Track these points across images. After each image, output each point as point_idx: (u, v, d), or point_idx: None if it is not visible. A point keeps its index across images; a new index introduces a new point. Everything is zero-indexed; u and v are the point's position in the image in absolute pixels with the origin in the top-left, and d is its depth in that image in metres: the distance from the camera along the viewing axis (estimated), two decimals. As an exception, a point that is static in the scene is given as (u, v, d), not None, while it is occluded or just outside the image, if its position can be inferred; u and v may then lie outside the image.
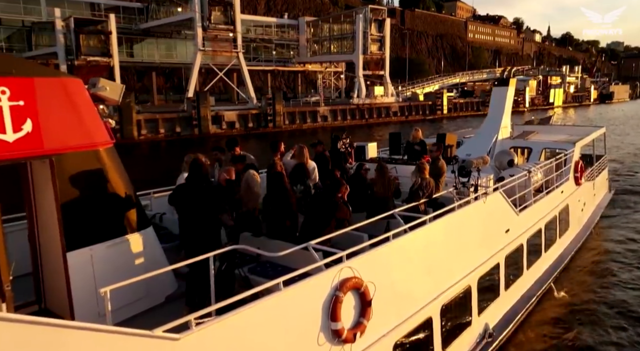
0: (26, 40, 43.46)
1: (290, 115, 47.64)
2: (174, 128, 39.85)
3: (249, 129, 44.57)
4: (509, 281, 8.25)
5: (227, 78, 47.49)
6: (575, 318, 9.02)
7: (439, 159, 8.27)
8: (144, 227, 5.38)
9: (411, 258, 5.95)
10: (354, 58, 56.19)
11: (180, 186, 5.51)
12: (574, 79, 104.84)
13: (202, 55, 43.38)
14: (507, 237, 8.07)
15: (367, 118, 54.26)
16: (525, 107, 78.32)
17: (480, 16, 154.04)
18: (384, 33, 56.99)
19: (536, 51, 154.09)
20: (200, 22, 41.94)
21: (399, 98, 60.93)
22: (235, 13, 43.93)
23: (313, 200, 6.55)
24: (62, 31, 36.90)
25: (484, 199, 7.34)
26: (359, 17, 54.31)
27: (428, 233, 6.21)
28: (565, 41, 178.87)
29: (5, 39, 44.26)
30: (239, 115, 44.21)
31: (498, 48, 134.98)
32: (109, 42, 38.39)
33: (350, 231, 5.77)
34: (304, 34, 61.29)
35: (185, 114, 40.54)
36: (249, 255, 5.61)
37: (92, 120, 4.95)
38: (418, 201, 6.99)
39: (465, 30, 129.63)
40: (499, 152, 11.65)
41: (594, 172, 13.90)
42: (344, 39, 58.42)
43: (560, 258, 10.75)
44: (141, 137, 37.75)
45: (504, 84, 13.67)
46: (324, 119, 50.50)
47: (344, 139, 9.68)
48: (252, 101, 46.73)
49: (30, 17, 44.01)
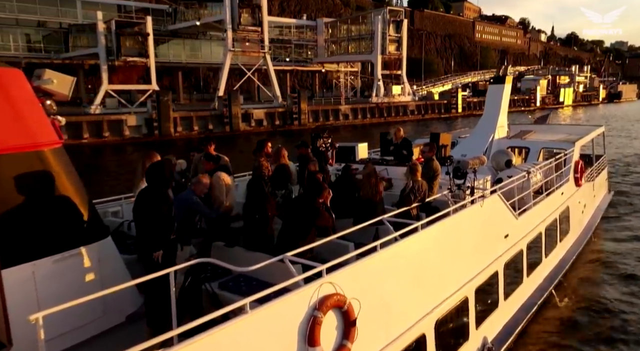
0: (63, 42, 45.12)
1: (314, 113, 49.36)
2: (206, 125, 41.58)
3: (276, 127, 46.27)
4: (508, 290, 7.66)
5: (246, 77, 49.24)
6: (578, 327, 8.64)
7: (432, 160, 7.70)
8: (101, 237, 4.78)
9: (402, 269, 5.34)
10: (372, 58, 57.84)
11: (140, 193, 4.90)
12: (582, 78, 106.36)
13: (231, 55, 45.04)
14: (506, 242, 7.51)
15: (385, 116, 55.97)
16: (536, 105, 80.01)
17: (487, 16, 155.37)
18: (401, 33, 58.62)
19: (542, 51, 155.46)
20: (231, 24, 43.62)
21: (415, 98, 62.62)
22: (262, 15, 45.62)
23: (291, 205, 5.91)
24: (104, 33, 38.57)
25: (481, 203, 6.77)
26: (377, 18, 55.94)
27: (421, 240, 5.59)
28: (570, 41, 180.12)
29: (39, 40, 45.99)
30: (266, 113, 45.95)
31: (505, 48, 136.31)
32: (146, 43, 40.08)
33: (335, 240, 5.22)
34: (322, 35, 62.92)
35: (217, 112, 42.25)
36: (222, 268, 4.89)
37: (34, 117, 4.38)
38: (409, 205, 6.48)
39: (472, 30, 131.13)
40: (495, 152, 11.11)
41: (593, 173, 13.33)
42: (361, 40, 60.02)
43: (561, 263, 10.20)
44: (176, 134, 39.45)
45: (499, 82, 13.14)
46: (345, 117, 52.26)
47: (324, 138, 9.09)
48: (278, 100, 48.42)
49: (66, 19, 45.75)
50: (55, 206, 4.44)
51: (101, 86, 40.00)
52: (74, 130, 34.65)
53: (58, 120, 4.96)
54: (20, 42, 44.29)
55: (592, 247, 12.33)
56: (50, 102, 4.94)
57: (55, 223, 4.43)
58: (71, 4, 46.17)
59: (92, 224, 4.73)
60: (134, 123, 37.40)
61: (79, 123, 34.99)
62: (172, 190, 5.87)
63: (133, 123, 37.38)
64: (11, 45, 43.73)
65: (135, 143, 36.29)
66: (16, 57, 43.36)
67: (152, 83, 41.53)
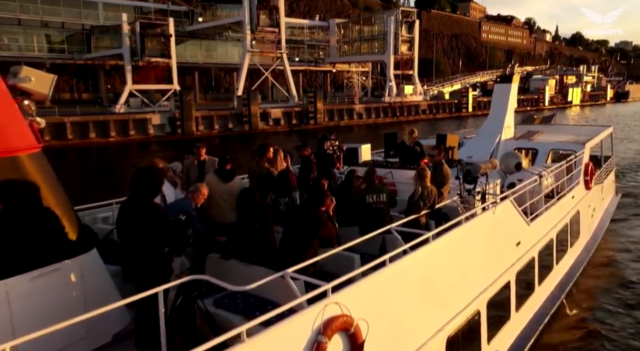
0: (85, 43, 46.16)
1: (329, 113, 50.26)
2: (226, 124, 42.52)
3: (292, 126, 47.15)
4: (520, 300, 7.36)
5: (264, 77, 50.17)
6: (591, 338, 8.41)
7: (442, 164, 7.29)
8: (85, 249, 4.33)
9: (412, 284, 5.01)
10: (384, 58, 58.69)
11: (124, 204, 4.46)
12: (590, 78, 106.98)
13: (250, 55, 46.01)
14: (518, 250, 7.21)
15: (398, 116, 56.83)
16: (544, 105, 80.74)
17: (493, 16, 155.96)
18: (413, 34, 59.49)
19: (547, 51, 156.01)
20: (249, 25, 44.56)
21: (426, 97, 63.47)
22: (280, 16, 46.55)
23: (292, 215, 5.61)
24: (128, 34, 39.55)
25: (493, 209, 6.44)
26: (390, 18, 56.80)
27: (431, 252, 5.24)
28: (575, 41, 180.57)
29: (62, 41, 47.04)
30: (283, 112, 46.85)
31: (511, 48, 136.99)
32: (168, 44, 41.05)
33: (339, 251, 4.91)
34: (334, 35, 63.82)
35: (237, 111, 43.18)
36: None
37: (8, 119, 4.03)
38: (419, 213, 6.12)
39: (479, 30, 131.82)
40: (504, 154, 10.80)
41: (602, 175, 13.01)
42: (374, 40, 60.88)
43: (571, 270, 9.88)
44: (198, 133, 40.37)
45: (506, 81, 12.77)
46: (359, 116, 53.15)
47: (331, 140, 8.51)
48: (294, 99, 49.34)
49: (88, 21, 46.80)
50: (32, 217, 4.02)
51: (125, 86, 40.97)
52: (102, 129, 35.70)
53: (37, 122, 4.56)
54: (44, 44, 45.33)
55: (601, 252, 12.05)
56: (28, 102, 4.53)
57: (32, 236, 3.99)
58: (93, 6, 47.21)
59: (75, 236, 4.26)
60: (157, 122, 38.36)
61: (107, 122, 35.97)
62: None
63: (157, 122, 38.34)
64: (35, 46, 44.79)
65: (159, 142, 37.30)
66: (40, 58, 44.45)
67: (173, 83, 42.49)
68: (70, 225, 4.24)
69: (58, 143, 33.33)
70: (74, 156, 31.80)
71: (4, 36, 43.19)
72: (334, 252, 4.78)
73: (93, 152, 33.65)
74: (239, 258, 5.09)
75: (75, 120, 34.64)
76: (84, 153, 32.84)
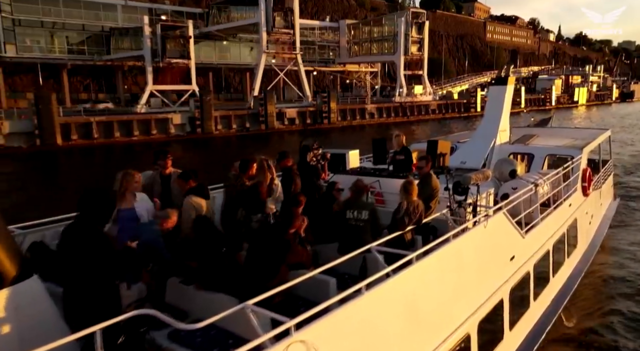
0: (104, 44, 47.21)
1: (342, 112, 51.22)
2: (244, 123, 43.50)
3: (307, 125, 48.11)
4: (514, 318, 6.85)
5: (279, 78, 51.16)
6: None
7: (430, 176, 6.73)
8: (22, 277, 3.68)
9: (393, 312, 4.53)
10: (395, 58, 59.65)
11: (66, 230, 3.89)
12: (596, 78, 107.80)
13: (265, 56, 47.02)
14: (512, 265, 6.73)
15: (408, 115, 57.78)
16: (551, 105, 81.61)
17: (497, 16, 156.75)
18: (423, 35, 60.42)
19: (551, 51, 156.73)
20: (265, 27, 45.55)
21: (436, 97, 64.41)
22: (295, 18, 47.54)
23: (258, 237, 5.00)
24: (149, 36, 40.57)
25: (485, 223, 5.95)
26: (400, 20, 57.74)
27: (416, 274, 4.75)
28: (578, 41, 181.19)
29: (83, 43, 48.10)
30: (298, 112, 47.82)
31: (515, 48, 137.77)
32: (187, 46, 42.06)
33: (314, 275, 4.41)
34: (344, 36, 64.79)
35: (253, 111, 44.16)
36: (176, 310, 4.32)
37: None
38: (403, 230, 5.64)
39: (484, 30, 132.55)
40: (499, 161, 10.27)
41: (600, 180, 12.53)
42: (384, 41, 61.83)
43: (569, 281, 9.36)
44: (216, 132, 41.37)
45: (502, 83, 12.18)
46: (371, 116, 54.11)
47: (314, 150, 7.92)
48: (308, 99, 50.32)
49: (107, 23, 47.86)
50: None
51: (146, 86, 42.02)
52: (126, 129, 36.71)
53: None
54: (65, 45, 46.40)
55: (600, 260, 11.63)
56: None
57: None
58: (112, 9, 48.25)
59: (9, 261, 3.62)
60: (178, 122, 39.37)
61: (130, 122, 36.98)
62: None
63: (178, 121, 39.35)
64: (56, 47, 45.86)
65: (180, 141, 38.30)
66: (61, 59, 45.56)
67: (192, 83, 43.53)
68: (2, 249, 3.56)
69: (85, 143, 34.39)
70: (100, 155, 32.82)
71: (26, 38, 44.25)
72: (307, 277, 4.20)
73: (117, 151, 34.67)
74: (201, 283, 4.63)
75: (100, 120, 35.67)
76: (109, 151, 33.84)
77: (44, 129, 32.17)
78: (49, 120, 32.35)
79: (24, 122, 32.31)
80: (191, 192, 5.63)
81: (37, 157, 30.58)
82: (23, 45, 43.65)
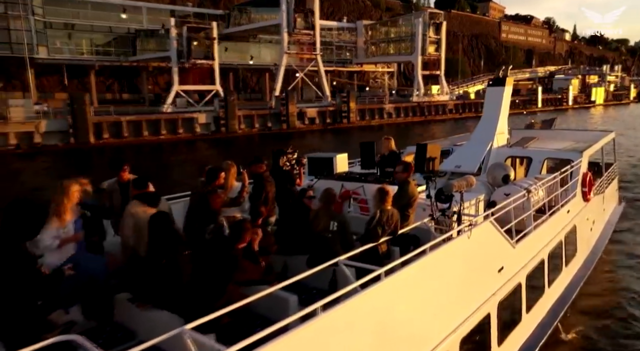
0: (130, 46, 48.59)
1: (361, 112, 51.99)
2: (266, 123, 44.49)
3: (326, 124, 48.96)
4: (503, 333, 6.42)
5: (299, 78, 52.10)
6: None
7: (407, 183, 6.39)
8: None
9: (363, 330, 4.11)
10: (412, 59, 60.29)
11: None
12: (613, 77, 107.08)
13: (287, 57, 48.04)
14: (500, 277, 6.31)
15: (426, 115, 58.35)
16: (568, 104, 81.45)
17: (512, 16, 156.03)
18: (440, 35, 60.95)
19: (567, 50, 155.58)
20: (287, 28, 46.52)
21: (452, 97, 64.88)
22: (315, 19, 48.44)
23: (204, 252, 4.62)
24: (175, 37, 41.77)
25: (469, 234, 5.55)
26: (418, 20, 58.35)
27: (389, 288, 4.38)
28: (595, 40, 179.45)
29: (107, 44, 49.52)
30: (318, 111, 48.70)
31: (531, 47, 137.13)
32: (211, 47, 43.19)
33: (274, 291, 4.00)
34: (361, 37, 65.54)
35: (275, 111, 45.13)
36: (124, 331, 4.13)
37: None
38: (377, 241, 5.35)
39: (499, 30, 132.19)
40: (492, 165, 9.91)
41: (603, 184, 12.07)
42: (401, 41, 62.47)
43: (566, 291, 8.88)
44: (240, 131, 42.40)
45: (499, 84, 11.84)
46: (389, 116, 54.81)
47: (288, 154, 7.55)
48: (327, 99, 51.19)
49: (133, 25, 49.26)
50: None
51: (172, 87, 43.21)
52: (154, 128, 37.90)
53: None
54: (92, 47, 47.88)
55: (602, 267, 11.09)
56: None
57: None
58: (137, 11, 49.63)
59: None
60: (203, 121, 40.49)
61: (158, 121, 38.18)
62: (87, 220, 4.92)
63: (203, 121, 40.47)
64: (84, 49, 47.35)
65: (205, 140, 39.42)
66: (89, 60, 47.02)
67: (215, 84, 44.64)
68: None
69: (116, 141, 35.64)
70: (130, 153, 33.99)
71: (56, 40, 45.75)
72: (265, 294, 3.79)
73: (145, 149, 35.83)
74: (146, 299, 4.31)
75: (130, 119, 36.90)
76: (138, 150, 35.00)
77: (78, 128, 33.50)
78: (83, 119, 33.67)
79: (60, 121, 33.66)
80: (136, 198, 5.21)
81: (71, 154, 31.87)
82: (54, 47, 45.16)
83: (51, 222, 4.56)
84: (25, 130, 32.02)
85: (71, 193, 4.80)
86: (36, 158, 30.46)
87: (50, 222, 4.53)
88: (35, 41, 42.46)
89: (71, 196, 4.80)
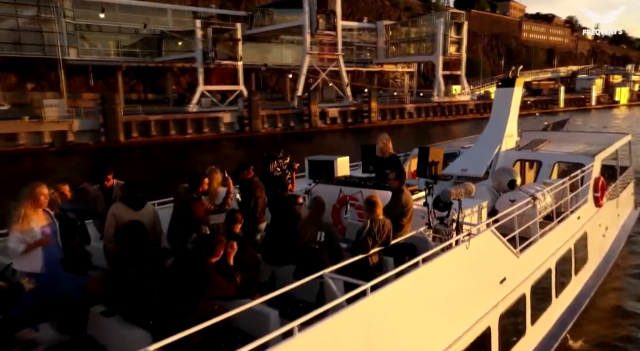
0: (156, 47, 49.69)
1: (382, 112, 52.20)
2: (288, 122, 45.07)
3: (347, 124, 49.31)
4: (506, 347, 6.18)
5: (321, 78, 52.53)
6: None
7: (401, 192, 6.08)
8: None
9: (349, 347, 3.93)
10: (433, 59, 60.27)
11: None
12: (638, 77, 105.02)
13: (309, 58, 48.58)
14: (502, 289, 6.05)
15: (447, 115, 58.25)
16: (591, 104, 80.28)
17: (533, 15, 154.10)
18: (462, 35, 60.81)
19: (590, 49, 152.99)
20: (309, 29, 47.05)
21: (473, 97, 64.61)
22: (337, 20, 48.88)
23: (175, 266, 4.50)
24: (201, 39, 42.64)
25: (467, 244, 5.29)
26: (440, 20, 58.30)
27: (380, 302, 4.16)
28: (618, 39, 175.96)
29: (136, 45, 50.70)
30: (339, 111, 49.09)
31: (552, 47, 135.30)
32: (236, 48, 43.95)
33: (254, 305, 3.81)
34: (382, 37, 65.73)
35: (297, 111, 45.68)
36: (94, 346, 4.05)
37: None
38: (367, 253, 5.10)
39: (519, 29, 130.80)
40: (498, 170, 9.60)
41: (617, 188, 11.62)
42: (422, 41, 62.49)
43: (576, 301, 8.54)
44: (263, 130, 43.02)
45: (509, 85, 11.41)
46: (410, 116, 54.91)
47: (279, 159, 7.33)
48: (348, 99, 51.55)
49: (159, 26, 50.36)
50: None
51: (198, 87, 44.10)
52: (180, 127, 38.76)
53: None
54: (120, 48, 49.12)
55: (616, 273, 10.73)
56: None
57: None
58: (162, 13, 50.72)
59: None
60: (228, 121, 41.25)
61: (184, 121, 39.04)
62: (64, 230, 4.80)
63: (228, 120, 41.23)
64: (112, 50, 48.60)
65: (229, 139, 40.14)
66: (117, 61, 48.20)
67: (239, 84, 45.39)
68: None
69: (144, 140, 36.59)
70: (157, 151, 34.87)
71: (85, 42, 47.07)
72: (244, 309, 3.61)
73: (172, 148, 36.67)
74: (120, 313, 4.17)
75: (158, 119, 37.82)
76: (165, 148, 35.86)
77: (108, 127, 34.52)
78: (113, 118, 34.68)
79: (91, 121, 34.72)
80: (121, 200, 5.23)
81: (102, 152, 32.84)
82: (83, 49, 46.46)
83: (15, 226, 4.42)
84: (59, 129, 33.16)
85: (37, 197, 4.55)
86: (68, 156, 31.52)
87: (14, 226, 4.40)
88: (66, 43, 43.76)
89: (38, 199, 4.55)
